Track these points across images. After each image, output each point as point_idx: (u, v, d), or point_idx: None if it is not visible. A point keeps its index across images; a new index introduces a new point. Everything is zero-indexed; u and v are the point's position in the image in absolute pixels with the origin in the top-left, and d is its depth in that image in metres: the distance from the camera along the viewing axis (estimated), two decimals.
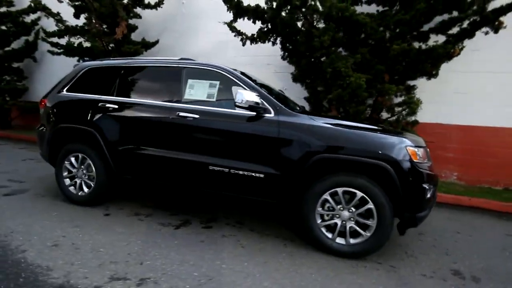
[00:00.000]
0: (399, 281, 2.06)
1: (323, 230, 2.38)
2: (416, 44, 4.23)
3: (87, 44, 6.36)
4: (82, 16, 6.25)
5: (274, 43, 5.16)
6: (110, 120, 2.95)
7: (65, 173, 3.19)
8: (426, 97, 4.50)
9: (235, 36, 5.14)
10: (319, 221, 2.38)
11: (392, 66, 4.11)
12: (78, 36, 6.26)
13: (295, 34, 4.73)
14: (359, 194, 2.26)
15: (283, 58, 5.41)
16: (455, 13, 3.91)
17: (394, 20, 4.00)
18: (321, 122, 2.43)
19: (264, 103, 2.51)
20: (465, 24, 3.75)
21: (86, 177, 3.11)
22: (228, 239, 2.56)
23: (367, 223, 2.27)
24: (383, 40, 4.14)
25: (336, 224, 2.35)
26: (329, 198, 2.34)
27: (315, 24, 4.38)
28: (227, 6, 4.94)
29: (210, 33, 7.00)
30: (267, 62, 6.30)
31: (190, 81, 2.83)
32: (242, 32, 5.08)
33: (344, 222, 2.33)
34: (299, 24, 4.53)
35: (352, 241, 2.31)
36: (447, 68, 4.38)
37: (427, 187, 2.23)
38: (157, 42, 6.80)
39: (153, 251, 2.27)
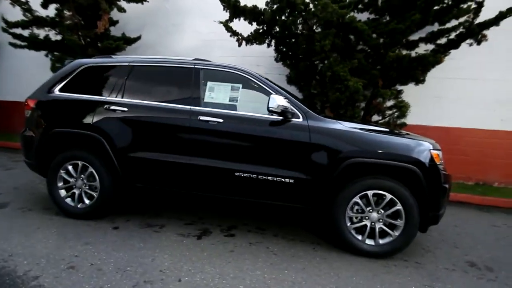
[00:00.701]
0: (430, 277, 2.19)
1: (353, 232, 2.44)
2: (403, 52, 4.55)
3: (58, 37, 5.71)
4: (52, 7, 5.59)
5: (269, 45, 5.16)
6: (118, 124, 2.69)
7: (60, 184, 2.84)
8: (409, 101, 4.86)
9: (230, 36, 5.03)
10: (348, 224, 2.44)
11: (386, 71, 4.36)
12: (48, 28, 5.59)
13: (292, 37, 4.77)
14: (388, 196, 2.35)
15: (276, 60, 5.43)
16: (439, 25, 4.27)
17: (389, 28, 4.24)
18: (349, 126, 2.49)
19: (292, 107, 2.49)
20: (452, 35, 4.13)
21: (87, 187, 2.80)
22: (257, 247, 2.50)
23: (395, 223, 2.38)
24: (377, 47, 4.37)
25: (365, 226, 2.42)
26: (359, 201, 2.40)
27: (314, 28, 4.46)
28: (224, 6, 4.81)
29: (196, 32, 6.77)
30: (256, 63, 6.24)
31: (209, 84, 2.70)
32: (238, 32, 4.98)
33: (373, 223, 2.41)
34: (299, 27, 4.57)
35: (381, 241, 2.40)
36: (427, 75, 4.77)
37: (447, 187, 2.41)
38: (139, 38, 6.38)
39: (186, 266, 2.13)
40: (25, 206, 3.06)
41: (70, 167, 2.81)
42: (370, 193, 2.38)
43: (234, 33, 5.01)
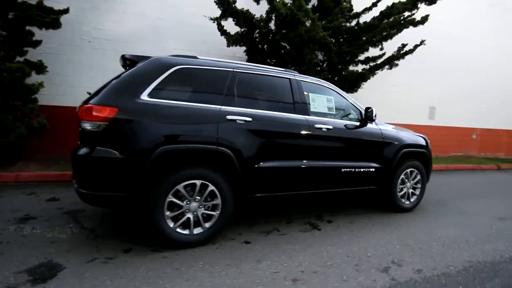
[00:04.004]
0: (435, 213, 3.78)
1: (400, 198, 3.67)
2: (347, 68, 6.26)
3: None
4: None
5: (249, 48, 5.46)
6: (243, 135, 2.56)
7: (168, 212, 2.34)
8: None
9: (221, 35, 4.93)
10: (398, 193, 3.64)
11: (342, 82, 5.88)
12: None
13: (275, 44, 5.36)
14: (415, 171, 3.74)
15: (247, 61, 5.81)
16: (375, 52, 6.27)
17: (341, 50, 5.74)
18: (391, 127, 3.66)
19: None
20: (379, 61, 6.16)
21: (203, 208, 2.48)
22: (357, 224, 3.23)
23: (417, 187, 3.82)
24: (335, 64, 5.80)
25: (405, 193, 3.71)
26: (403, 177, 3.65)
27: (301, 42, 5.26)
28: (216, 2, 4.66)
29: (139, 14, 5.88)
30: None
31: (311, 95, 3.06)
32: (227, 32, 4.96)
33: (408, 190, 3.74)
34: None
35: (412, 200, 3.78)
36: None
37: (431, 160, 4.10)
38: (66, 11, 4.76)
39: (352, 246, 2.61)
40: (152, 248, 2.22)
41: (182, 190, 2.37)
42: (408, 170, 3.68)
43: (224, 32, 4.96)
